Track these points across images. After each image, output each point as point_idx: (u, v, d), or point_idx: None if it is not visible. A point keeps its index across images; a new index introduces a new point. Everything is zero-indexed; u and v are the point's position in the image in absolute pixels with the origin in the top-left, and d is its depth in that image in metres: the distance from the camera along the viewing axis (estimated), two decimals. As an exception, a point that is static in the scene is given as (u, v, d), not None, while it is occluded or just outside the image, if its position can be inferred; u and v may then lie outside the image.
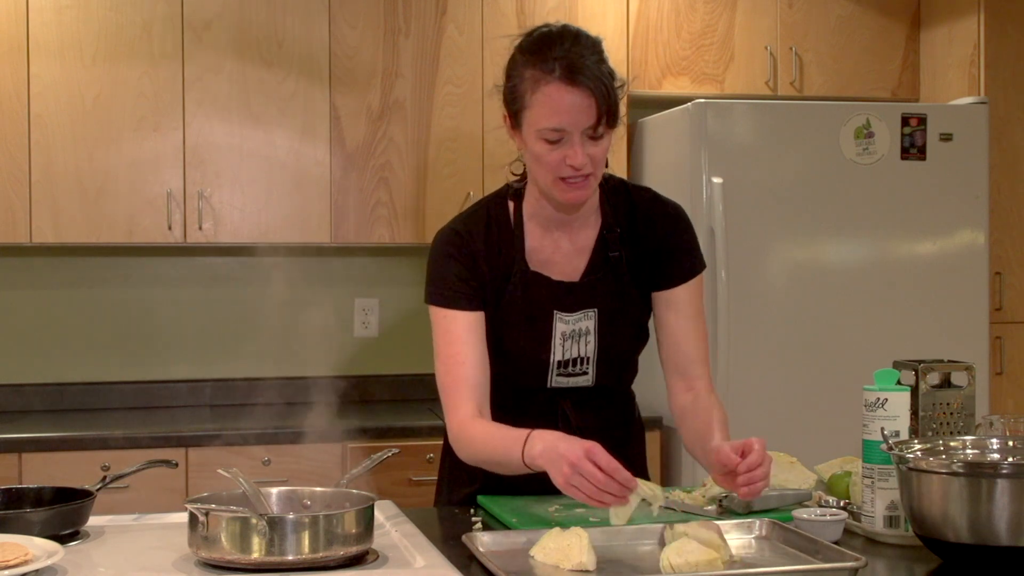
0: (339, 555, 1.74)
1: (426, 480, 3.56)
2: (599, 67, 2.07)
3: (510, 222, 2.24)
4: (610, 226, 2.25)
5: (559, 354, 2.22)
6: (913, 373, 2.18)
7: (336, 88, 3.94)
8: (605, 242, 2.24)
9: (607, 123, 2.08)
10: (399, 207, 3.98)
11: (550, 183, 2.12)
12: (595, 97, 2.05)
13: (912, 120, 3.87)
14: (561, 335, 2.22)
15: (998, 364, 4.08)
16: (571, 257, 2.24)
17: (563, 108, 2.05)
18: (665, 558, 1.73)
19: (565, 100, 2.05)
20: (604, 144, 2.10)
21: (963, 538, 1.73)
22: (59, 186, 3.76)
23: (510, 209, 2.25)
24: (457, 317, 2.18)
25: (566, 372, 2.24)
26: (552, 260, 2.24)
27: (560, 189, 2.12)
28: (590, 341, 2.23)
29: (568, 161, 2.07)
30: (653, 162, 4.11)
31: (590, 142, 2.08)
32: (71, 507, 1.94)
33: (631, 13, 4.14)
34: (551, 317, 2.21)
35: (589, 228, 2.25)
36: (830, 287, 3.83)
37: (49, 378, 4.10)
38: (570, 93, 2.05)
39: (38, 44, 3.75)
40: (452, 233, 2.24)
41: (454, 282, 2.19)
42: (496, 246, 2.22)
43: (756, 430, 3.86)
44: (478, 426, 2.13)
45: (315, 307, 4.24)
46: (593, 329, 2.23)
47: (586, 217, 2.24)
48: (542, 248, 2.24)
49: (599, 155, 2.09)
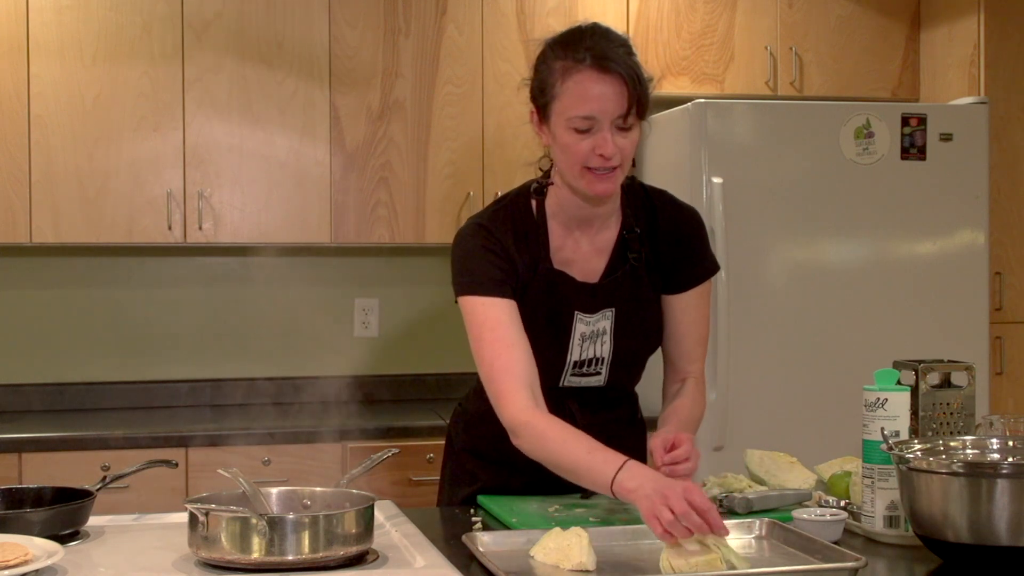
0: (339, 555, 1.74)
1: (426, 480, 3.56)
2: (629, 58, 2.08)
3: (534, 220, 2.22)
4: (630, 227, 2.24)
5: (576, 354, 2.22)
6: (913, 373, 2.18)
7: (336, 88, 3.94)
8: (625, 243, 2.24)
9: (637, 113, 2.07)
10: (399, 207, 3.98)
11: (578, 174, 2.11)
12: (626, 85, 2.05)
13: (912, 120, 3.87)
14: (580, 336, 2.21)
15: (998, 364, 4.08)
16: (590, 257, 2.24)
17: (593, 96, 2.05)
18: (665, 558, 1.73)
19: (596, 88, 2.05)
20: (633, 137, 2.09)
21: (963, 538, 1.73)
22: (59, 186, 3.76)
23: (533, 207, 2.24)
24: (497, 303, 2.12)
25: (580, 372, 2.24)
26: (573, 260, 2.23)
27: (588, 180, 2.10)
28: (606, 342, 2.23)
29: (598, 150, 2.06)
30: (653, 162, 4.11)
31: (619, 133, 2.07)
32: (71, 507, 1.94)
33: (631, 13, 4.14)
34: (572, 318, 2.20)
35: (609, 229, 2.25)
36: (830, 287, 3.83)
37: (49, 378, 4.10)
38: (600, 81, 2.05)
39: (38, 44, 3.75)
40: (479, 227, 2.21)
41: (489, 271, 2.15)
42: (522, 242, 2.20)
43: (756, 430, 3.88)
44: (554, 426, 2.05)
45: (315, 307, 4.25)
46: (609, 329, 2.22)
47: (607, 218, 2.24)
48: (564, 247, 2.23)
49: (628, 147, 2.09)
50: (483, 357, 2.12)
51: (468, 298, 2.15)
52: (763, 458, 2.32)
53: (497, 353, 2.10)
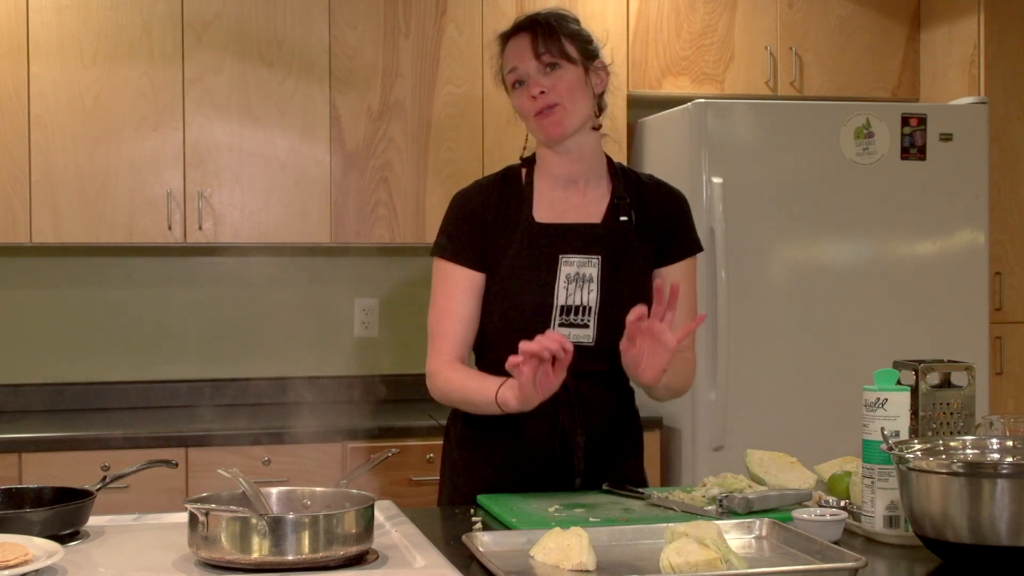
0: (339, 555, 1.74)
1: (426, 480, 3.56)
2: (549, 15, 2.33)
3: (521, 182, 2.40)
4: (620, 195, 2.37)
5: (562, 298, 2.29)
6: (913, 373, 2.18)
7: (336, 88, 3.94)
8: (616, 207, 2.36)
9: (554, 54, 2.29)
10: (399, 207, 3.98)
11: (531, 127, 2.35)
12: (535, 33, 2.30)
13: (912, 120, 3.87)
14: (565, 277, 2.30)
15: (998, 364, 4.08)
16: (581, 211, 2.36)
17: (514, 53, 2.34)
18: (665, 558, 1.73)
19: (515, 46, 2.34)
20: (567, 77, 2.30)
21: (963, 538, 1.73)
22: (59, 186, 3.76)
23: (523, 173, 2.42)
24: (457, 272, 2.34)
25: (568, 322, 2.29)
26: (563, 213, 2.36)
27: (538, 127, 2.33)
28: (592, 289, 2.30)
29: (530, 93, 2.30)
30: (653, 162, 4.11)
31: (547, 76, 2.30)
32: (71, 507, 1.94)
33: (631, 13, 4.14)
34: (556, 261, 2.31)
35: (599, 191, 2.39)
36: (830, 287, 3.83)
37: (49, 378, 4.10)
38: (519, 39, 2.34)
39: (38, 44, 3.75)
40: (466, 191, 2.43)
41: (459, 239, 2.35)
42: (505, 201, 2.37)
43: (756, 430, 3.88)
44: (457, 369, 2.31)
45: (315, 307, 4.25)
46: (596, 277, 2.30)
47: (595, 179, 2.39)
48: (552, 204, 2.37)
49: (561, 86, 2.29)
50: (431, 317, 2.38)
51: (437, 259, 2.39)
52: (763, 458, 2.32)
53: (438, 319, 2.36)
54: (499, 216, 2.35)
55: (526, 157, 2.43)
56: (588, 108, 2.34)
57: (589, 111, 2.34)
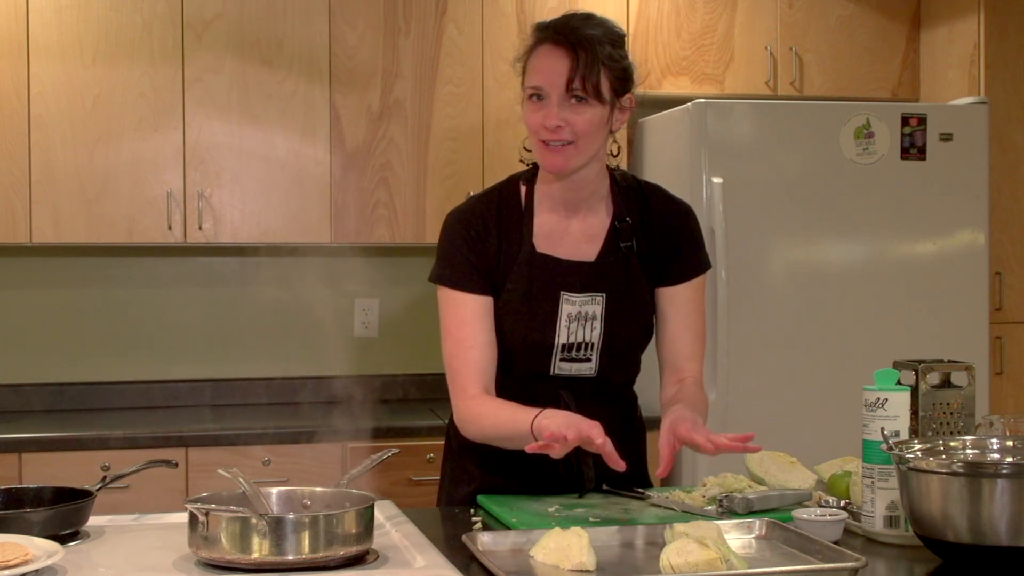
0: (339, 555, 1.74)
1: (426, 480, 3.57)
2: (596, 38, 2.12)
3: (520, 204, 2.26)
4: (622, 216, 2.26)
5: (564, 336, 2.22)
6: (913, 373, 2.18)
7: (336, 88, 3.94)
8: (617, 231, 2.26)
9: (588, 90, 2.11)
10: (399, 207, 3.98)
11: (536, 148, 2.18)
12: (574, 56, 2.10)
13: (912, 120, 3.87)
14: (567, 316, 2.22)
15: (998, 364, 4.08)
16: (581, 242, 2.26)
17: (543, 67, 2.13)
18: (665, 558, 1.73)
19: (546, 60, 2.13)
20: (587, 115, 2.12)
21: (963, 538, 1.73)
22: (59, 186, 3.76)
23: (522, 193, 2.28)
24: (466, 300, 2.21)
25: (569, 357, 2.24)
26: (562, 243, 2.25)
27: (542, 153, 2.17)
28: (596, 327, 2.23)
29: (543, 122, 2.13)
30: (653, 162, 4.11)
31: (571, 108, 2.12)
32: (71, 507, 1.94)
33: (631, 13, 4.14)
34: (557, 298, 2.22)
35: (600, 216, 2.27)
36: (830, 287, 3.83)
37: (49, 378, 4.10)
38: (551, 53, 2.12)
39: (38, 44, 3.75)
40: (463, 214, 2.27)
41: (464, 265, 2.22)
42: (506, 227, 2.24)
43: (756, 430, 3.87)
44: (488, 404, 2.18)
45: (315, 307, 4.25)
46: (600, 315, 2.23)
47: (594, 203, 2.26)
48: (552, 231, 2.25)
49: (580, 124, 2.12)
50: (445, 351, 2.24)
51: (443, 289, 2.24)
52: (763, 458, 2.32)
53: (456, 352, 2.22)
54: (500, 242, 2.23)
55: (527, 172, 2.30)
56: (600, 146, 2.19)
57: (599, 149, 2.20)
